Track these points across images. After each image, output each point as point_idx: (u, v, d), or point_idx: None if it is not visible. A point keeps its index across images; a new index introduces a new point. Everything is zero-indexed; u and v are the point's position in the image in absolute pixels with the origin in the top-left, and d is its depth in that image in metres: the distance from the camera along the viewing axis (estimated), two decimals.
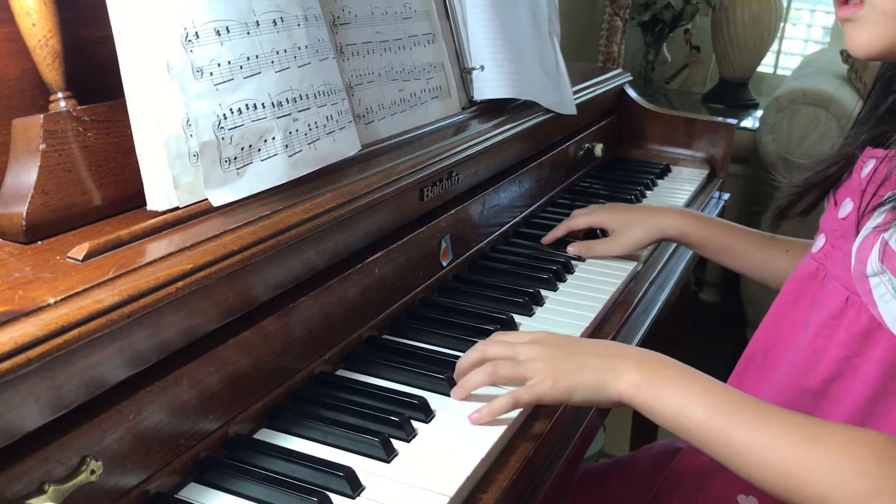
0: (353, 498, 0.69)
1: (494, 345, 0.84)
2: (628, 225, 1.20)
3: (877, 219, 0.78)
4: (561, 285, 1.15)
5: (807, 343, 0.86)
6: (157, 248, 0.67)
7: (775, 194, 3.00)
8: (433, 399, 0.83)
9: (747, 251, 1.10)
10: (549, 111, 1.38)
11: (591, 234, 1.29)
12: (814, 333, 0.85)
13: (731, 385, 0.97)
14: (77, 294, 0.58)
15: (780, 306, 0.94)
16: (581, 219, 1.26)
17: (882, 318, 0.77)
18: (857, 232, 0.80)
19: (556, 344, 0.83)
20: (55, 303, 0.57)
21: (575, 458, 0.89)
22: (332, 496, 0.68)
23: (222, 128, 0.75)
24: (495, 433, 0.78)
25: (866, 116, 0.90)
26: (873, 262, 0.77)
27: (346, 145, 0.91)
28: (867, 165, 0.84)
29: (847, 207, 0.85)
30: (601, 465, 1.24)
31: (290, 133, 0.82)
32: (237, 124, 0.77)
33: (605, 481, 1.19)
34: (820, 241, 0.90)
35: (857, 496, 0.66)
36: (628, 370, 0.78)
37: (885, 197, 0.78)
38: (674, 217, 1.18)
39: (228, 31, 0.76)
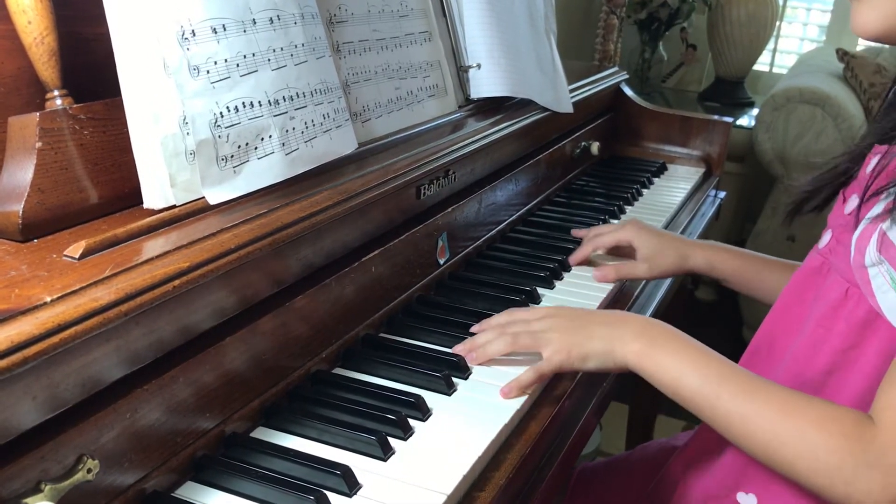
0: (350, 496, 0.69)
1: (514, 315, 0.92)
2: (660, 252, 1.16)
3: (876, 210, 0.79)
4: (557, 283, 1.15)
5: (808, 334, 0.87)
6: (153, 246, 0.67)
7: (772, 192, 2.98)
8: (430, 397, 0.83)
9: (778, 281, 1.07)
10: (545, 109, 1.39)
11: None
12: (814, 325, 0.86)
13: None
14: (73, 292, 0.58)
15: (785, 300, 0.95)
16: (608, 236, 1.21)
17: (880, 308, 0.78)
18: (857, 224, 0.81)
19: (568, 316, 0.91)
20: (51, 301, 0.56)
21: (571, 457, 0.89)
22: (329, 494, 0.68)
23: (219, 126, 0.75)
24: (492, 431, 0.78)
25: (881, 115, 0.91)
26: (871, 252, 0.78)
27: (342, 143, 0.91)
28: (873, 161, 0.85)
29: (853, 203, 0.85)
30: (599, 464, 1.24)
31: (287, 131, 0.82)
32: (234, 122, 0.77)
33: (603, 480, 1.19)
34: (826, 236, 0.91)
35: (824, 470, 0.72)
36: (632, 339, 0.85)
37: (883, 187, 0.79)
38: (704, 251, 1.16)
39: (225, 29, 0.76)
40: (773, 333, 0.96)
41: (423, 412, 0.80)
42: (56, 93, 0.69)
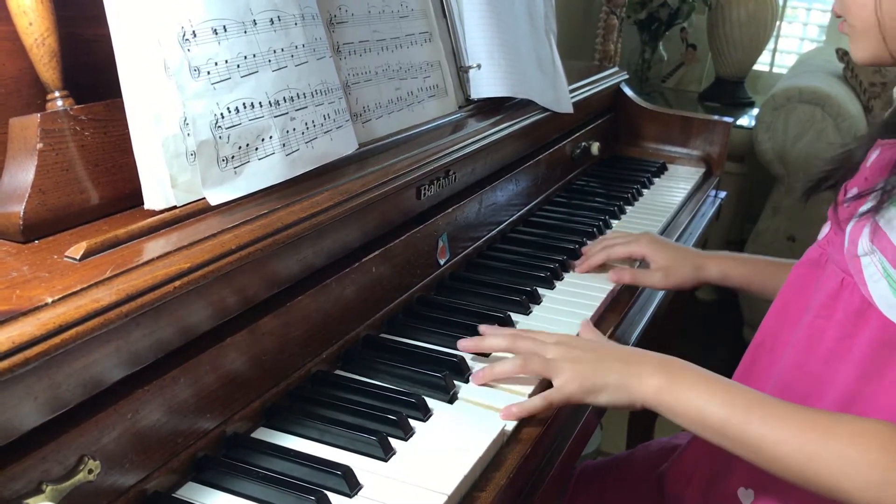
0: (351, 497, 0.69)
1: (524, 340, 0.89)
2: (675, 264, 1.18)
3: (870, 203, 0.80)
4: (558, 283, 1.15)
5: (807, 324, 0.89)
6: (154, 247, 0.67)
7: (772, 192, 2.98)
8: (431, 398, 0.83)
9: None
10: (545, 110, 1.39)
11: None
12: (813, 315, 0.88)
13: (741, 371, 0.99)
14: (74, 293, 0.58)
15: (787, 293, 0.96)
16: (621, 248, 1.21)
17: (871, 297, 0.79)
18: (852, 215, 0.83)
19: (583, 347, 0.88)
20: (53, 302, 0.56)
21: (572, 457, 0.89)
22: (330, 495, 0.68)
23: (219, 127, 0.75)
24: (493, 432, 0.78)
25: (892, 112, 0.92)
26: (864, 242, 0.80)
27: (343, 144, 0.91)
28: (872, 155, 0.86)
29: (851, 195, 0.86)
30: (600, 463, 1.25)
31: (288, 132, 0.82)
32: (234, 123, 0.77)
33: (605, 478, 1.20)
34: (825, 228, 0.92)
35: (866, 485, 0.71)
36: (650, 375, 0.82)
37: (878, 183, 0.80)
38: (717, 262, 1.18)
39: (226, 30, 0.76)
40: (777, 326, 0.97)
41: (424, 413, 0.81)
42: (57, 94, 0.69)
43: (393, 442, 0.75)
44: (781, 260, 1.15)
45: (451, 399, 0.84)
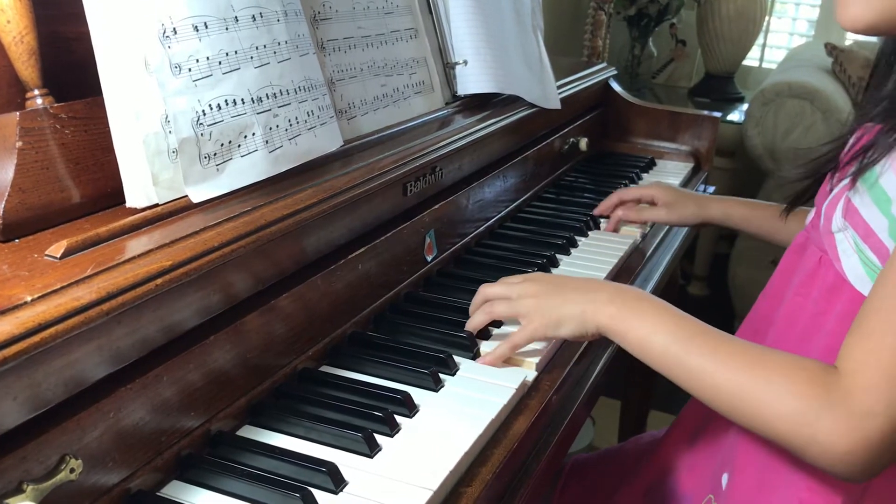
0: (336, 493, 0.69)
1: (493, 286, 0.94)
2: (679, 202, 1.30)
3: (845, 180, 0.82)
4: None
5: (787, 303, 0.90)
6: (136, 245, 0.67)
7: (762, 187, 2.98)
8: (417, 394, 0.83)
9: (792, 228, 1.14)
10: (533, 106, 1.38)
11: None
12: (793, 293, 0.89)
13: None
14: (54, 292, 0.58)
15: (778, 277, 0.98)
16: (633, 190, 1.36)
17: (844, 271, 0.80)
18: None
19: (545, 281, 0.93)
20: (32, 301, 0.56)
21: (560, 451, 0.89)
22: (315, 492, 0.68)
23: (201, 124, 0.75)
24: (479, 427, 0.78)
25: (864, 100, 0.93)
26: (837, 218, 0.81)
27: (327, 141, 0.91)
28: (852, 140, 0.87)
29: (836, 180, 0.88)
30: (591, 456, 1.25)
31: (271, 129, 0.82)
32: (216, 120, 0.76)
33: (595, 471, 1.20)
34: (811, 214, 0.94)
35: (789, 415, 0.72)
36: (606, 303, 0.85)
37: (850, 158, 0.82)
38: (719, 203, 1.28)
39: (207, 27, 0.76)
40: (764, 308, 0.99)
41: (410, 409, 0.80)
42: (36, 92, 0.69)
43: (379, 438, 0.75)
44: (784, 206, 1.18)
45: (438, 395, 0.84)
